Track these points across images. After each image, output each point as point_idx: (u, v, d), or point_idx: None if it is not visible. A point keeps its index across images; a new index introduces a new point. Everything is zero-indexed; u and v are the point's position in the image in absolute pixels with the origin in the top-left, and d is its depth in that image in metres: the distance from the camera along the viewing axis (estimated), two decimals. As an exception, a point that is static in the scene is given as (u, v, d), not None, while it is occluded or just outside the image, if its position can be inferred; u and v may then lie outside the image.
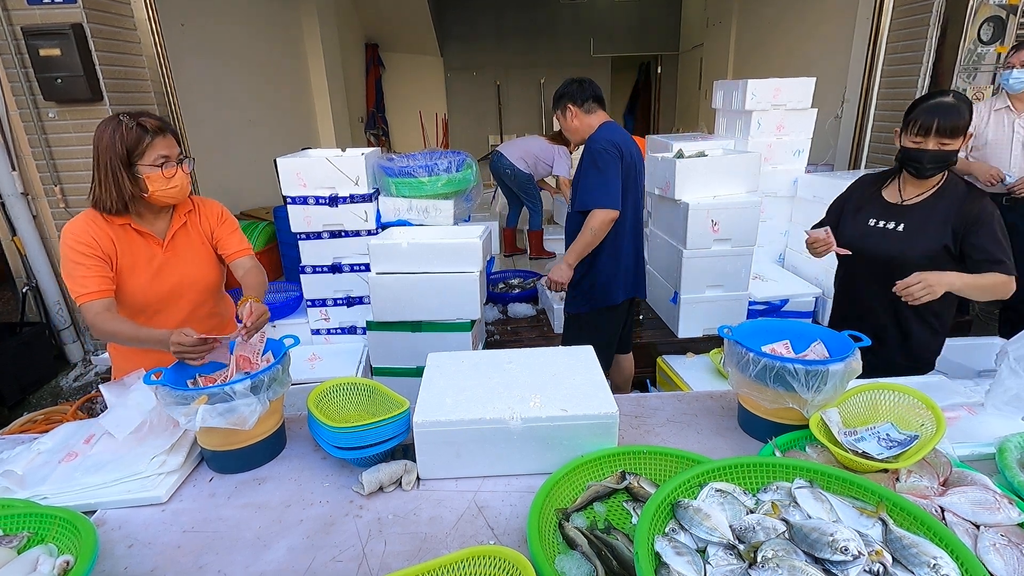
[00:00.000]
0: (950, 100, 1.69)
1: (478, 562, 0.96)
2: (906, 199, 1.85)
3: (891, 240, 1.83)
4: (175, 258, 1.66)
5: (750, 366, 1.33)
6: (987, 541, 0.98)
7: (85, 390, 3.63)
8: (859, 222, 1.91)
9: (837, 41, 5.14)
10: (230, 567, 1.09)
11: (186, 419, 1.25)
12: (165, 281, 1.64)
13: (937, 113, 1.68)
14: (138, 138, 1.49)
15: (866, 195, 1.94)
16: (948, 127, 1.67)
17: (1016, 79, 2.91)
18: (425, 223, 3.00)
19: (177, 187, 1.56)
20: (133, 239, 1.60)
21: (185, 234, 1.69)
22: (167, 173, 1.53)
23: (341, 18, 7.91)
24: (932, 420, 1.25)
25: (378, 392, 1.51)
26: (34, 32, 3.25)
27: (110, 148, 1.48)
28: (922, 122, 1.69)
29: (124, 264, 1.59)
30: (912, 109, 1.76)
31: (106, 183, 1.51)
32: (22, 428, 2.48)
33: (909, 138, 1.75)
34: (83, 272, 1.52)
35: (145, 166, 1.51)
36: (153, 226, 1.64)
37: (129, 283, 1.60)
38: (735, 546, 0.96)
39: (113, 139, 1.48)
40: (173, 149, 1.55)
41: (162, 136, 1.53)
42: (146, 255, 1.62)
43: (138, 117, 1.51)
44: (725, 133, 3.85)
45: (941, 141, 1.69)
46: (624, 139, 2.32)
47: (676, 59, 10.76)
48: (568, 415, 1.26)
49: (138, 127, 1.49)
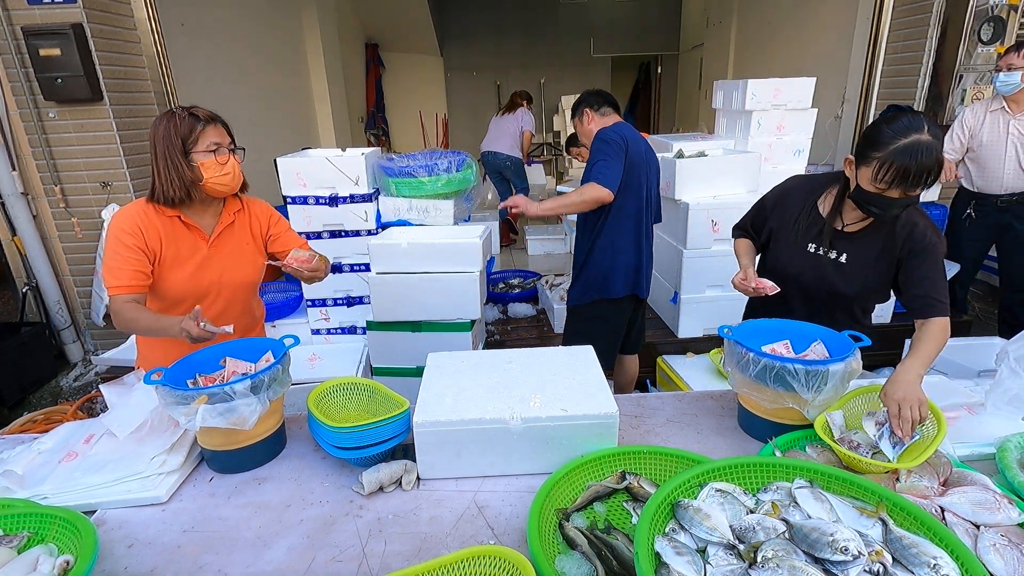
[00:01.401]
0: (926, 139, 1.34)
1: (478, 562, 0.96)
2: (848, 224, 1.61)
3: (832, 271, 1.63)
4: (218, 254, 1.68)
5: (750, 366, 1.33)
6: (987, 541, 0.98)
7: (85, 390, 3.63)
8: (797, 246, 1.68)
9: (837, 41, 5.14)
10: (230, 567, 1.09)
11: (186, 419, 1.25)
12: (205, 276, 1.66)
13: (916, 160, 1.33)
14: (191, 126, 1.53)
15: (801, 207, 1.68)
16: (926, 177, 1.36)
17: (1003, 82, 2.93)
18: (425, 223, 3.00)
19: (230, 174, 1.59)
20: (180, 232, 1.63)
21: (231, 232, 1.71)
22: (220, 159, 1.56)
23: (341, 18, 7.91)
24: (933, 420, 1.26)
25: (378, 392, 1.51)
26: (34, 32, 3.25)
27: (166, 139, 1.53)
28: (897, 170, 1.36)
29: (168, 255, 1.61)
30: (876, 141, 1.40)
31: (167, 173, 1.54)
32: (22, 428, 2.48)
33: (872, 182, 1.42)
34: (120, 263, 1.55)
35: (199, 153, 1.54)
36: (201, 220, 1.67)
37: (171, 275, 1.63)
38: (735, 546, 0.96)
39: (168, 130, 1.53)
40: (224, 138, 1.58)
41: (213, 125, 1.57)
42: (190, 248, 1.64)
43: (190, 108, 1.56)
44: (725, 133, 3.85)
45: (909, 192, 1.39)
46: (633, 137, 2.34)
47: (676, 59, 10.76)
48: (568, 415, 1.26)
49: (190, 116, 1.54)
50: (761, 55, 6.97)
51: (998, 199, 3.11)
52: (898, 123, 1.38)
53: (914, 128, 1.36)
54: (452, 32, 10.48)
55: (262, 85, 5.83)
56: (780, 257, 1.72)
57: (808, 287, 1.67)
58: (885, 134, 1.39)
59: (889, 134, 1.38)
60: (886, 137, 1.38)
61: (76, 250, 3.74)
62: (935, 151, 1.34)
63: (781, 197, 1.76)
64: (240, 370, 1.43)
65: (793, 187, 1.75)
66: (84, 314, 3.91)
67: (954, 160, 3.20)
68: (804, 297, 1.68)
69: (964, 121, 3.15)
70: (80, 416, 2.65)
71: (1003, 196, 3.10)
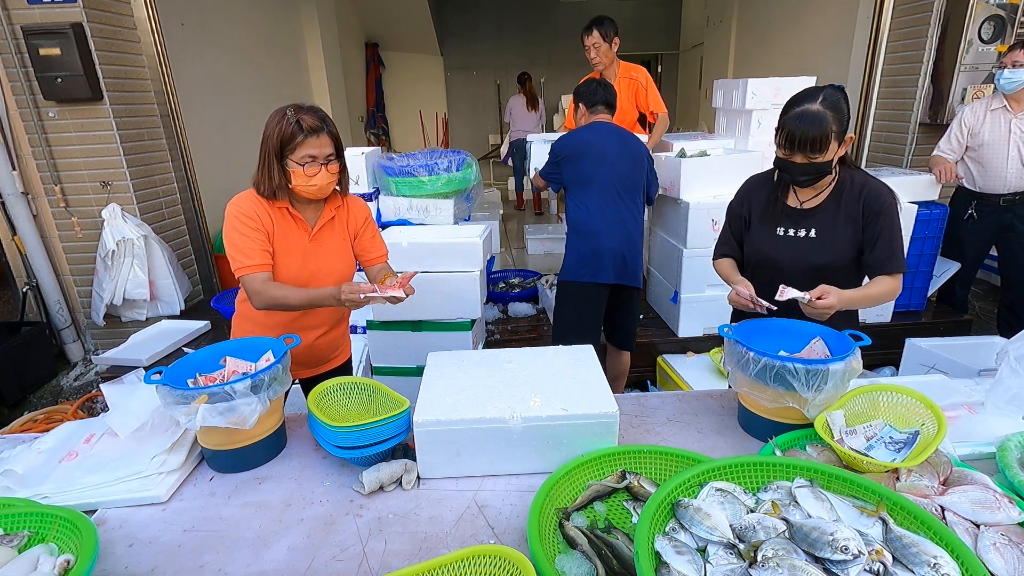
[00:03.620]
0: (815, 108, 1.51)
1: (478, 561, 0.96)
2: (804, 202, 1.71)
3: (806, 248, 1.70)
4: (320, 248, 1.73)
5: (750, 365, 1.33)
6: (987, 540, 0.98)
7: (85, 389, 3.63)
8: (767, 232, 1.76)
9: (837, 41, 5.14)
10: (230, 566, 1.09)
11: (186, 418, 1.25)
12: (308, 267, 1.70)
13: (799, 125, 1.52)
14: (292, 134, 1.55)
15: (764, 199, 1.78)
16: (810, 141, 1.51)
17: (1007, 79, 2.91)
18: (425, 222, 3.00)
19: (316, 186, 1.61)
20: (288, 222, 1.68)
21: (331, 228, 1.76)
22: (308, 172, 1.59)
23: (341, 17, 7.91)
24: (933, 420, 1.25)
25: (378, 391, 1.51)
26: (34, 31, 3.25)
27: (270, 138, 1.57)
28: (787, 134, 1.54)
29: (279, 244, 1.66)
30: (783, 111, 1.59)
31: (263, 169, 1.60)
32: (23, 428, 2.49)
33: (777, 148, 1.61)
34: (248, 244, 1.59)
35: (293, 161, 1.58)
36: (304, 214, 1.71)
37: (281, 262, 1.67)
38: (735, 545, 0.96)
39: (273, 131, 1.56)
40: (324, 149, 1.60)
41: (315, 136, 1.57)
42: (296, 239, 1.69)
43: (300, 113, 1.57)
44: (725, 132, 3.85)
45: (808, 156, 1.54)
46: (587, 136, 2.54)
47: (676, 58, 10.76)
48: (568, 414, 1.26)
49: (296, 124, 1.55)
50: (761, 55, 6.96)
51: (1000, 198, 3.11)
52: (799, 95, 1.57)
53: (807, 99, 1.54)
54: (452, 32, 10.48)
55: (262, 84, 5.83)
56: (756, 246, 1.80)
57: (789, 268, 1.72)
58: (787, 105, 1.59)
59: (787, 105, 1.59)
60: (786, 107, 1.59)
61: (76, 250, 3.74)
62: (821, 119, 1.50)
63: (746, 195, 1.85)
64: (240, 369, 1.43)
65: (753, 183, 1.86)
66: (84, 314, 3.91)
67: (953, 160, 3.19)
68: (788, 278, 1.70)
69: (963, 121, 3.15)
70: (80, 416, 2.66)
71: (1006, 195, 3.09)
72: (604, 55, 3.50)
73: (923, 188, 3.25)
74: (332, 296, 1.58)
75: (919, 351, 2.65)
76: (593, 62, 3.57)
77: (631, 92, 3.61)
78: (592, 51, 3.50)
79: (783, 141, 1.57)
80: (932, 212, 3.24)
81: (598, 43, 3.47)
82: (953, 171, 3.13)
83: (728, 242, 1.91)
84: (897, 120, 4.15)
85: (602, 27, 3.45)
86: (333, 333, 1.88)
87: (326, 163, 1.61)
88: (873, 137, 4.39)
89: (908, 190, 3.20)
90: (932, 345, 2.62)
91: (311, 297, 1.62)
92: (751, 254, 1.82)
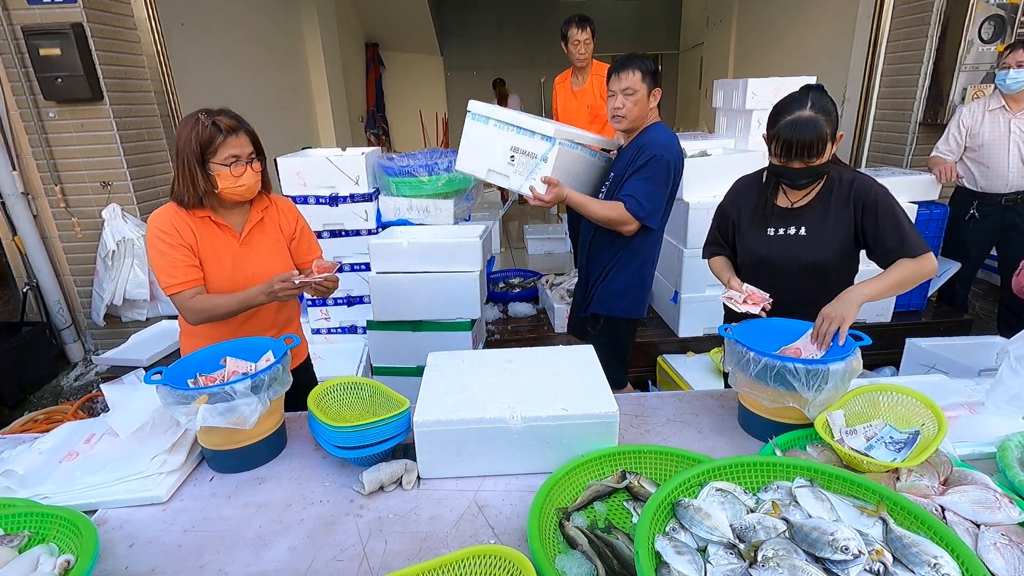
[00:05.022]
0: (807, 115, 1.51)
1: (478, 561, 0.96)
2: (795, 202, 1.71)
3: (797, 246, 1.70)
4: (251, 252, 1.70)
5: (751, 365, 1.33)
6: (988, 540, 0.98)
7: (86, 390, 3.63)
8: (758, 232, 1.76)
9: (837, 41, 5.14)
10: (231, 566, 1.09)
11: (186, 418, 1.25)
12: (242, 273, 1.68)
13: (794, 133, 1.51)
14: (211, 137, 1.52)
15: (755, 200, 1.78)
16: (807, 148, 1.52)
17: (1013, 79, 2.90)
18: (425, 222, 3.00)
19: (244, 186, 1.59)
20: (213, 231, 1.65)
21: (261, 229, 1.73)
22: (235, 172, 1.56)
23: (341, 18, 7.91)
24: (933, 420, 1.25)
25: (378, 392, 1.51)
26: (34, 32, 3.25)
27: (187, 145, 1.53)
28: (782, 143, 1.54)
29: (205, 256, 1.63)
30: (770, 120, 1.58)
31: (183, 178, 1.55)
32: (23, 428, 2.49)
33: (772, 156, 1.61)
34: (170, 261, 1.57)
35: (216, 164, 1.54)
36: (230, 220, 1.68)
37: (211, 272, 1.64)
38: (735, 545, 0.96)
39: (190, 137, 1.52)
40: (245, 148, 1.57)
41: (234, 135, 1.55)
42: (224, 247, 1.66)
43: (215, 116, 1.54)
44: (725, 132, 3.84)
45: (805, 161, 1.55)
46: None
47: (676, 58, 10.76)
48: (568, 415, 1.26)
49: (212, 126, 1.52)
50: (761, 54, 6.96)
51: (1003, 198, 3.10)
52: (785, 102, 1.57)
53: (796, 105, 1.54)
54: (452, 32, 10.48)
55: (262, 84, 5.83)
56: (748, 247, 1.79)
57: (781, 267, 1.73)
58: (775, 113, 1.58)
59: (776, 113, 1.58)
60: (774, 116, 1.58)
61: (76, 250, 3.74)
62: (815, 124, 1.50)
63: (735, 196, 1.86)
64: (240, 370, 1.43)
65: (742, 184, 1.87)
66: (84, 314, 3.91)
67: (952, 161, 3.19)
68: (782, 278, 1.72)
69: (961, 122, 3.14)
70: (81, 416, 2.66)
71: (1008, 195, 3.09)
72: (590, 51, 3.58)
73: (923, 188, 3.25)
74: (263, 293, 1.56)
75: (919, 351, 2.64)
76: (578, 57, 3.59)
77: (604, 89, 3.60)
78: (583, 47, 3.53)
79: (779, 150, 1.56)
80: (932, 212, 3.24)
81: (588, 39, 3.53)
82: (953, 170, 3.13)
83: (717, 241, 1.92)
84: (897, 120, 4.15)
85: (592, 24, 3.55)
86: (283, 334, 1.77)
87: (250, 162, 1.59)
88: (873, 137, 4.39)
89: (908, 190, 3.20)
90: (932, 345, 2.62)
91: (242, 300, 1.59)
92: (744, 256, 1.82)
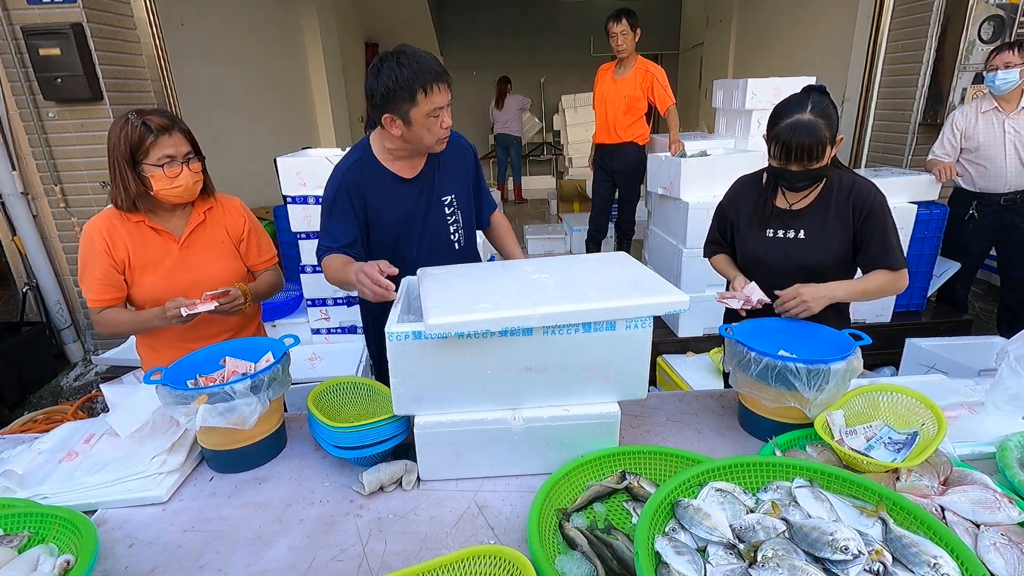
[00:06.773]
0: (807, 118, 1.50)
1: (478, 562, 0.96)
2: (794, 203, 1.70)
3: (795, 249, 1.70)
4: (192, 256, 1.64)
5: (751, 365, 1.33)
6: (987, 540, 0.98)
7: (85, 390, 3.63)
8: (757, 234, 1.76)
9: (837, 40, 5.14)
10: (231, 566, 1.09)
11: (186, 418, 1.25)
12: (180, 279, 1.62)
13: (794, 137, 1.50)
14: (141, 137, 1.46)
15: (754, 201, 1.78)
16: (806, 152, 1.51)
17: (1003, 80, 2.90)
18: (425, 222, 2.99)
19: (181, 187, 1.52)
20: (148, 236, 1.60)
21: (204, 231, 1.67)
22: (170, 173, 1.50)
23: (341, 18, 7.91)
24: (933, 420, 1.25)
25: (378, 392, 1.51)
26: (34, 32, 3.25)
27: (116, 147, 1.48)
28: (782, 146, 1.54)
29: (138, 263, 1.59)
30: (770, 123, 1.58)
31: (116, 181, 1.51)
32: (22, 428, 2.49)
33: (772, 159, 1.60)
34: (94, 276, 1.58)
35: (149, 165, 1.49)
36: (169, 223, 1.62)
37: (143, 280, 1.60)
38: (735, 545, 0.96)
39: (119, 138, 1.47)
40: (180, 148, 1.51)
41: (168, 135, 1.49)
42: (161, 252, 1.61)
43: (145, 115, 1.48)
44: (725, 132, 3.84)
45: (804, 165, 1.54)
46: None
47: (676, 58, 10.75)
48: (569, 415, 1.26)
49: (143, 126, 1.46)
50: (761, 54, 6.96)
51: (1002, 198, 3.11)
52: (785, 104, 1.56)
53: (796, 108, 1.52)
54: (452, 32, 10.47)
55: (262, 84, 5.83)
56: (747, 248, 1.79)
57: (779, 269, 1.71)
58: (775, 115, 1.57)
59: (776, 114, 1.57)
60: (774, 118, 1.57)
61: (76, 250, 3.73)
62: (814, 128, 1.49)
63: (734, 196, 1.86)
64: (240, 370, 1.43)
65: (742, 185, 1.86)
66: (84, 314, 3.91)
67: (950, 162, 3.19)
68: (779, 280, 1.71)
69: (955, 125, 3.14)
70: (80, 416, 2.66)
71: (1007, 195, 3.09)
72: (630, 43, 3.84)
73: (923, 188, 3.25)
74: (158, 317, 1.51)
75: (919, 351, 2.64)
76: (618, 49, 3.83)
77: (646, 84, 3.89)
78: (620, 38, 3.79)
79: (778, 153, 1.56)
80: (932, 212, 3.24)
81: (625, 31, 3.78)
82: (952, 169, 3.13)
83: (717, 240, 1.93)
84: (897, 120, 4.15)
85: (630, 17, 3.83)
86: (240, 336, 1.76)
87: (186, 162, 1.52)
88: (873, 137, 4.39)
89: (908, 190, 3.20)
90: (932, 345, 2.62)
91: (140, 322, 1.56)
92: (742, 257, 1.82)
